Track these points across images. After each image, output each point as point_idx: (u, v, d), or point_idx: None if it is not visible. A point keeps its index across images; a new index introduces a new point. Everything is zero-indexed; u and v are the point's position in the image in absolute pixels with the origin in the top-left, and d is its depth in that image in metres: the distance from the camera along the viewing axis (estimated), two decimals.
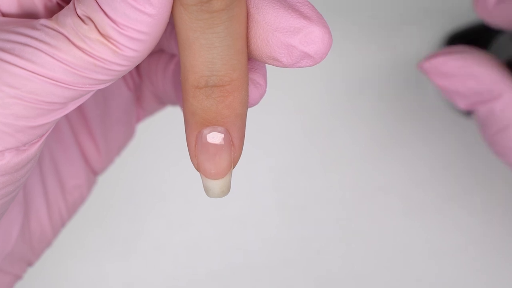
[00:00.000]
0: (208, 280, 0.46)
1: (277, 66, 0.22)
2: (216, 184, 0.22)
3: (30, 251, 0.27)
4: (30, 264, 0.28)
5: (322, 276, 0.47)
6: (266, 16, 0.21)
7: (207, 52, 0.20)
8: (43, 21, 0.20)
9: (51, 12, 0.22)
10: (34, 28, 0.20)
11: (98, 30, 0.20)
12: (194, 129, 0.21)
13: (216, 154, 0.21)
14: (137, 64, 0.21)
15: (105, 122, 0.29)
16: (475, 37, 0.48)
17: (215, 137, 0.21)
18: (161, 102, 0.30)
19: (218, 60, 0.20)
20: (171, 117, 0.29)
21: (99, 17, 0.19)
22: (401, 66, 0.49)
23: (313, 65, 0.21)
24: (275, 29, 0.21)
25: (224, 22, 0.20)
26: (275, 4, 0.21)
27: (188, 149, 0.21)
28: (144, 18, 0.19)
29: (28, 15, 0.22)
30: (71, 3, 0.20)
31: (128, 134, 0.30)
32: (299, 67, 0.21)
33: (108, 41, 0.20)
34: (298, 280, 0.47)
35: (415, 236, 0.47)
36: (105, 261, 0.46)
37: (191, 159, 0.21)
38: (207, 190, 0.22)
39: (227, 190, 0.22)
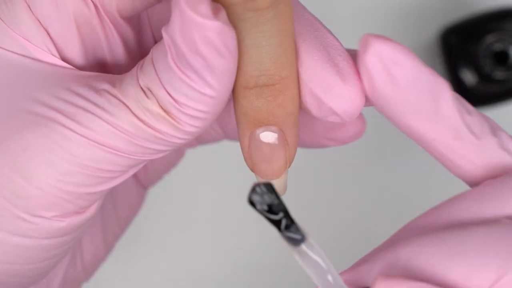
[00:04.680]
0: (208, 280, 0.46)
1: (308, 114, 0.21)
2: None
3: (82, 273, 0.28)
4: (83, 281, 0.28)
5: None
6: (304, 64, 0.20)
7: (254, 52, 0.20)
8: (106, 86, 0.20)
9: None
10: (97, 92, 0.20)
11: (160, 105, 0.20)
12: (246, 129, 0.21)
13: (271, 154, 0.21)
14: (197, 135, 0.21)
15: None
16: (468, 31, 0.48)
17: (269, 137, 0.20)
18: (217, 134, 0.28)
19: (267, 59, 0.20)
20: None
21: (161, 94, 0.19)
22: None
23: (341, 122, 0.21)
24: (309, 81, 0.20)
25: (270, 20, 0.19)
26: (315, 54, 0.20)
27: (242, 150, 0.21)
28: (205, 99, 0.19)
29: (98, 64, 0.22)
30: (134, 70, 0.20)
31: (177, 156, 0.30)
32: (328, 120, 0.21)
33: (169, 116, 0.20)
34: (298, 280, 0.47)
35: None
36: (106, 261, 0.46)
37: (245, 160, 0.21)
38: None
39: (283, 189, 0.22)
